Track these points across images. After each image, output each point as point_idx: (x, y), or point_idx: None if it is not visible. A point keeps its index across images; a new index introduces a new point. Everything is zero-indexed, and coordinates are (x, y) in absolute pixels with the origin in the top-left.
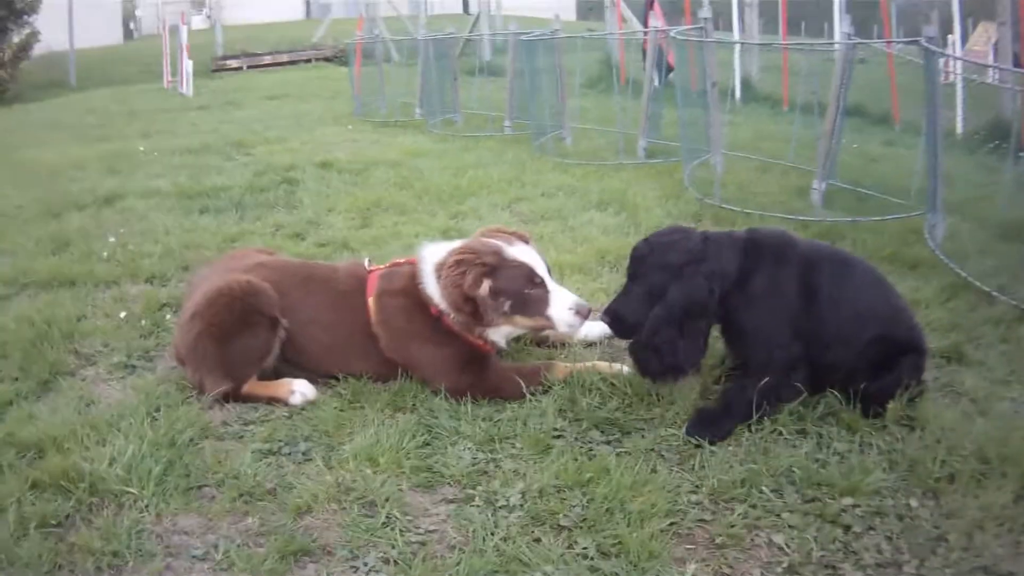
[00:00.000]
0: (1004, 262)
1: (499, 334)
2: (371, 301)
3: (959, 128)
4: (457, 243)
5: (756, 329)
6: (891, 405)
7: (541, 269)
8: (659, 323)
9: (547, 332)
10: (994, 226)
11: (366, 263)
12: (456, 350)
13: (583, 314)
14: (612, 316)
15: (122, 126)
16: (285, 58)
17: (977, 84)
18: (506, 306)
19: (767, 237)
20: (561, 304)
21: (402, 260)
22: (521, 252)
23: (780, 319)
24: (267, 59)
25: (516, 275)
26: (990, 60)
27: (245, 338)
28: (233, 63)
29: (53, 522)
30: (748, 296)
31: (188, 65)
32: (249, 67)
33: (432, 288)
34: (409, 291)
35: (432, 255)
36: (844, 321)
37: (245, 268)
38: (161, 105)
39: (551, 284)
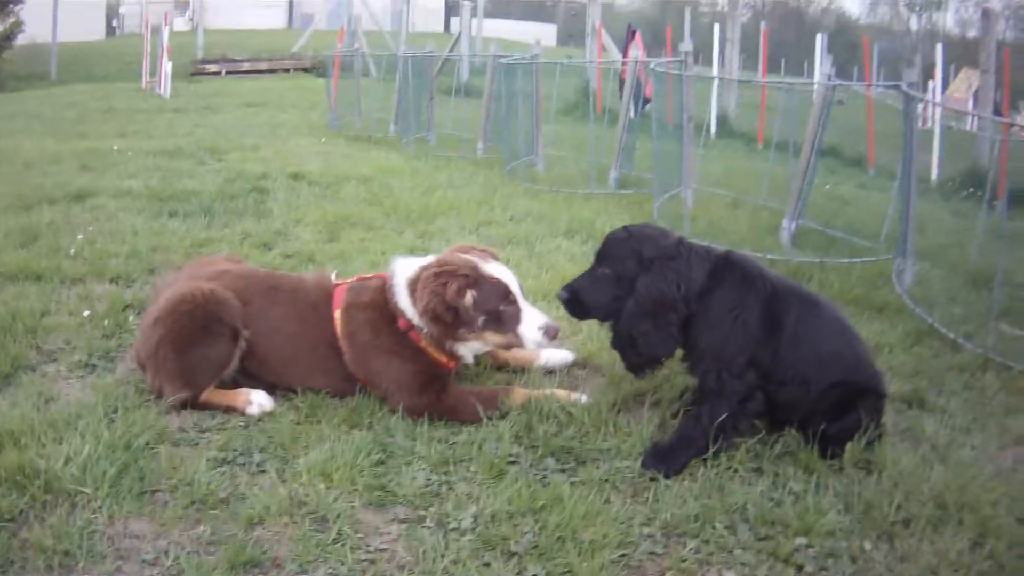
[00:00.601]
0: (972, 310)
1: (467, 349)
2: (337, 314)
3: (934, 174)
4: (429, 258)
5: (711, 347)
6: (849, 447)
7: (515, 287)
8: (633, 316)
9: (507, 355)
10: (964, 274)
11: (332, 276)
12: (419, 368)
13: (551, 335)
14: (571, 294)
15: (99, 123)
16: (264, 66)
17: (955, 131)
18: (480, 321)
19: (740, 259)
20: (532, 323)
21: (369, 275)
22: (496, 269)
23: (737, 342)
24: (246, 66)
25: (492, 291)
26: (970, 107)
27: (205, 347)
28: (212, 67)
29: (7, 517)
30: (709, 310)
31: (167, 67)
32: (228, 72)
33: (404, 301)
34: (377, 305)
35: (404, 269)
36: (804, 361)
37: (210, 276)
38: (139, 105)
39: (523, 303)
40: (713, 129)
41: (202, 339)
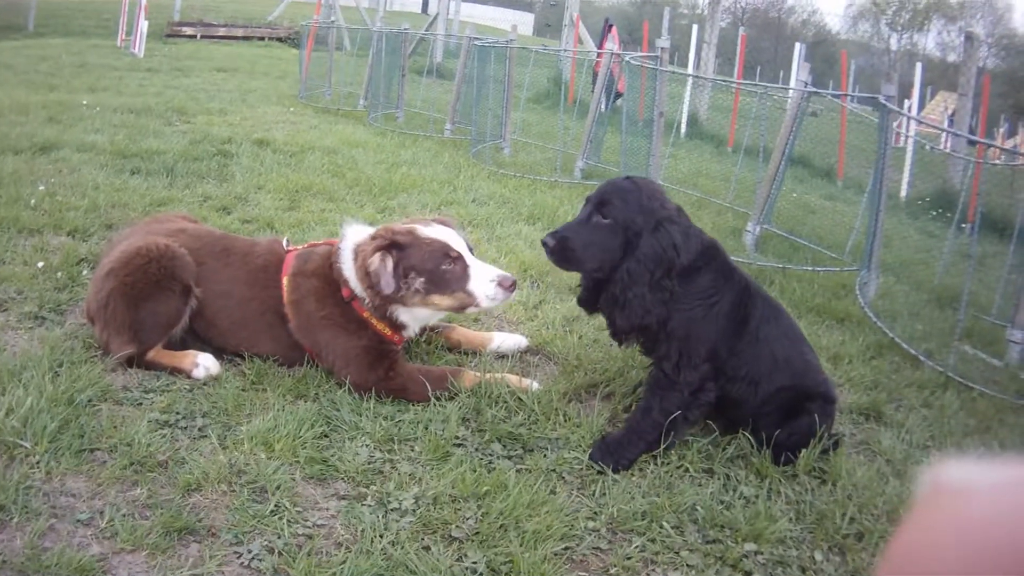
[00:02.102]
0: (934, 328)
1: (415, 317)
2: (285, 280)
3: (904, 191)
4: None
5: (678, 329)
6: (803, 455)
7: (458, 245)
8: (631, 276)
9: (459, 337)
10: (928, 291)
11: (284, 242)
12: (366, 343)
13: (506, 286)
14: (559, 240)
15: (70, 77)
16: (240, 32)
17: (929, 151)
18: (418, 283)
19: (720, 247)
20: (482, 277)
21: (320, 242)
22: (437, 231)
23: (705, 329)
24: (222, 31)
25: (429, 251)
26: (944, 126)
27: (156, 302)
28: (188, 30)
29: None
30: (688, 293)
31: (143, 26)
32: (203, 36)
33: (348, 268)
34: (322, 273)
35: (353, 235)
36: (758, 361)
37: (166, 233)
38: (112, 62)
39: (471, 259)
40: (683, 128)
41: (153, 293)
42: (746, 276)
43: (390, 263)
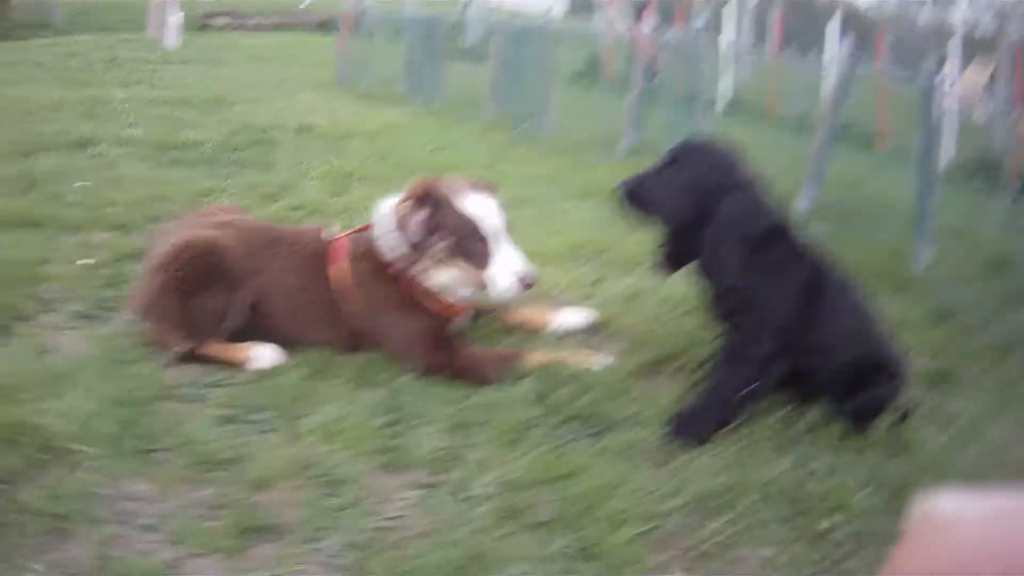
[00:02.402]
0: (987, 295)
1: (439, 279)
2: (336, 267)
3: (946, 159)
4: None
5: (755, 297)
6: (877, 425)
7: (491, 220)
8: (714, 242)
9: (522, 316)
10: (979, 259)
11: (326, 230)
12: (426, 323)
13: (525, 283)
14: (634, 185)
15: (102, 72)
16: (272, 21)
17: (967, 120)
18: (443, 243)
19: (794, 224)
20: (506, 266)
21: (366, 225)
22: (475, 202)
23: (780, 302)
24: (254, 21)
25: (460, 221)
26: (980, 99)
27: (209, 296)
28: (220, 21)
29: (1, 478)
30: (763, 262)
31: (175, 18)
32: (235, 27)
33: (386, 237)
34: (370, 255)
35: (387, 205)
36: (833, 332)
37: (213, 226)
38: (144, 56)
39: (501, 241)
40: (724, 103)
41: (205, 288)
42: (819, 250)
43: (422, 213)
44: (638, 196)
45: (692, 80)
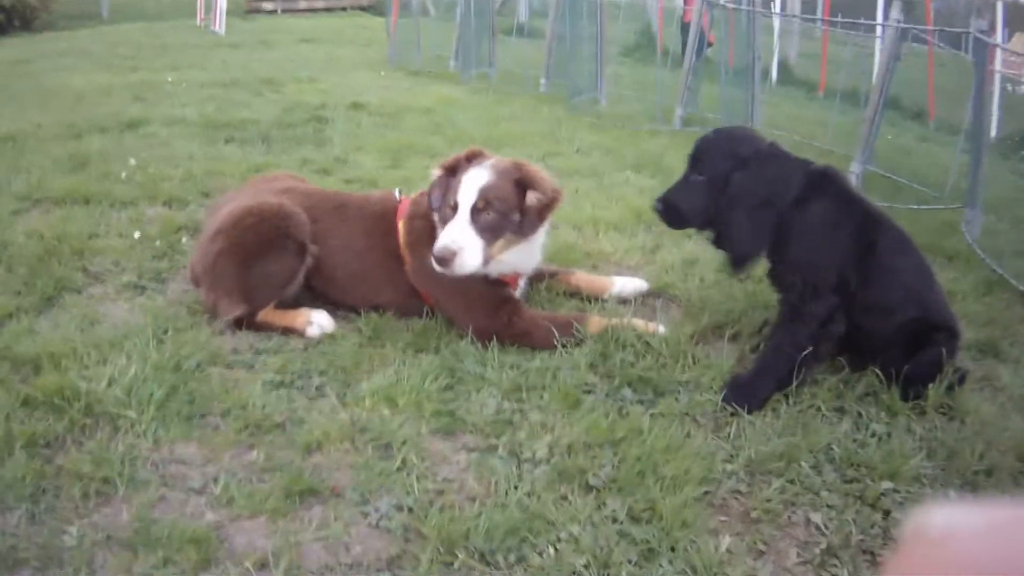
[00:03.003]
0: None
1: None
2: (400, 224)
3: (993, 132)
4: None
5: (802, 257)
6: (931, 390)
7: (460, 197)
8: (727, 209)
9: (579, 283)
10: None
11: (397, 193)
12: (482, 287)
13: (435, 254)
14: (665, 204)
15: (151, 58)
16: (321, 4)
17: (1012, 93)
18: (442, 212)
19: (839, 174)
20: (443, 233)
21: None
22: (469, 175)
23: (830, 256)
24: (303, 3)
25: (448, 188)
26: None
27: (269, 262)
28: (268, 6)
29: (42, 442)
30: (804, 219)
31: (222, 3)
32: (284, 10)
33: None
34: (427, 216)
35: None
36: (890, 289)
37: (276, 191)
38: (192, 41)
39: (459, 215)
40: (774, 76)
41: (266, 254)
42: (870, 205)
43: (443, 182)
44: (670, 212)
45: (745, 50)
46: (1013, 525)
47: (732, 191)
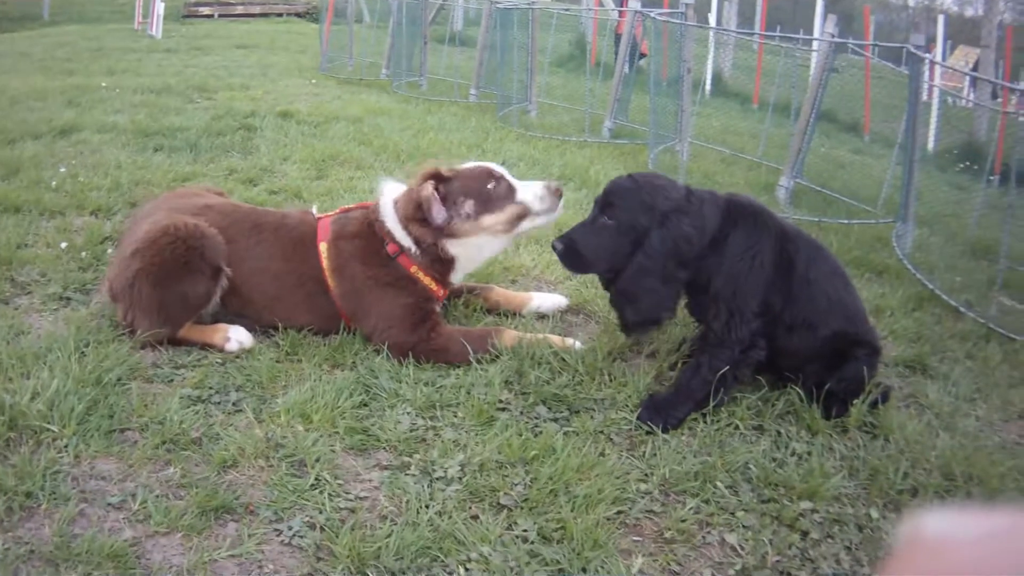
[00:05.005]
0: (971, 279)
1: (467, 251)
2: (323, 247)
3: (931, 145)
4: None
5: (725, 291)
6: (853, 408)
7: (499, 169)
8: (641, 271)
9: (498, 298)
10: (962, 243)
11: (313, 210)
12: (411, 300)
13: (552, 191)
14: (567, 244)
15: (88, 62)
16: (257, 10)
17: (951, 106)
18: (467, 207)
19: (748, 202)
20: (529, 188)
21: (352, 206)
22: (478, 164)
23: (753, 284)
24: (239, 9)
25: (473, 176)
26: (966, 84)
27: (185, 284)
28: (205, 10)
29: None
30: (723, 255)
31: (160, 8)
32: (221, 15)
33: (391, 221)
34: (364, 234)
35: (392, 191)
36: (813, 304)
37: (193, 210)
38: (129, 45)
39: (513, 179)
40: (708, 88)
41: (182, 275)
42: (779, 221)
43: (438, 195)
44: (571, 254)
45: (678, 62)
46: (1008, 531)
47: (650, 252)
